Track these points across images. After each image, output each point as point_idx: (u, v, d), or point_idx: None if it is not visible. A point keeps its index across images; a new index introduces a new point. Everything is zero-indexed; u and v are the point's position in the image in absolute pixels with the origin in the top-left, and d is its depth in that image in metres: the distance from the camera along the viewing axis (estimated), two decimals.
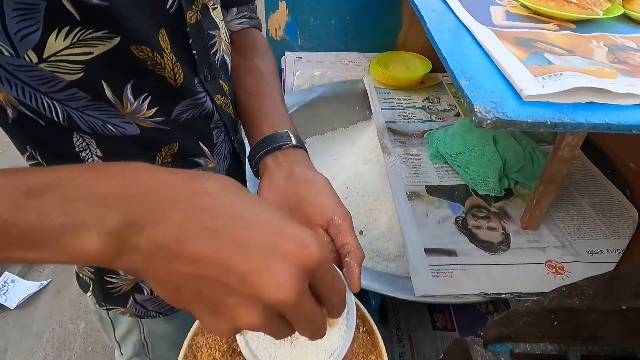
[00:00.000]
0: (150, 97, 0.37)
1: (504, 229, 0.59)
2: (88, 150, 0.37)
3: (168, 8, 0.35)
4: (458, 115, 0.82)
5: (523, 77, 0.34)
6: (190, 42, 0.39)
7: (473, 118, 0.31)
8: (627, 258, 0.55)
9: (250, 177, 0.62)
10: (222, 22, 0.46)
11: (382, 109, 0.83)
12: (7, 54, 0.29)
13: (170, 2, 0.35)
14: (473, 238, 0.58)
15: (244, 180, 0.58)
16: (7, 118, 0.34)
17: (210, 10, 0.43)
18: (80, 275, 0.51)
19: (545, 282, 0.52)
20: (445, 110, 0.84)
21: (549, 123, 0.31)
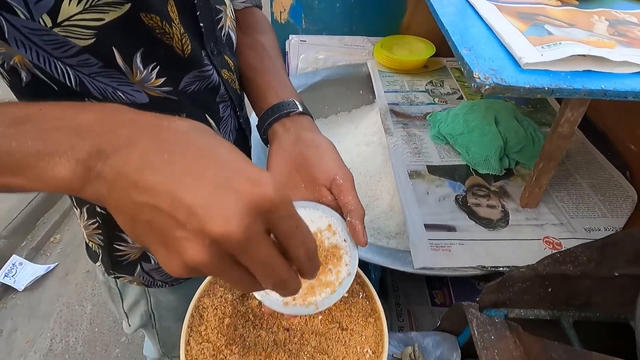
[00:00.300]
0: (159, 66, 0.38)
1: (504, 207, 0.60)
2: None
3: None
4: (461, 99, 0.83)
5: (522, 46, 0.35)
6: (198, 14, 0.40)
7: (472, 84, 0.32)
8: None
9: (255, 154, 0.63)
10: None
11: (385, 92, 0.84)
12: (22, 17, 0.30)
13: None
14: (472, 215, 0.59)
15: (249, 155, 0.60)
16: (21, 82, 0.35)
17: None
18: (90, 245, 0.52)
19: (543, 257, 0.52)
20: (449, 94, 0.85)
21: (547, 89, 0.32)
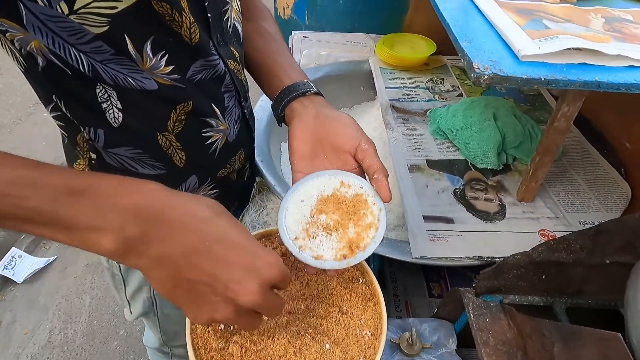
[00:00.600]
0: (168, 54, 0.40)
1: (501, 201, 0.61)
2: (109, 102, 0.40)
3: None
4: (461, 96, 0.84)
5: (521, 39, 0.36)
6: (206, 4, 0.41)
7: (472, 74, 0.34)
8: None
9: (258, 145, 0.64)
10: None
11: (386, 88, 0.85)
12: (41, 4, 0.32)
13: None
14: (470, 208, 0.60)
15: (252, 147, 0.61)
16: (37, 66, 0.37)
17: None
18: None
19: None
20: (449, 91, 0.86)
21: (543, 80, 0.33)
